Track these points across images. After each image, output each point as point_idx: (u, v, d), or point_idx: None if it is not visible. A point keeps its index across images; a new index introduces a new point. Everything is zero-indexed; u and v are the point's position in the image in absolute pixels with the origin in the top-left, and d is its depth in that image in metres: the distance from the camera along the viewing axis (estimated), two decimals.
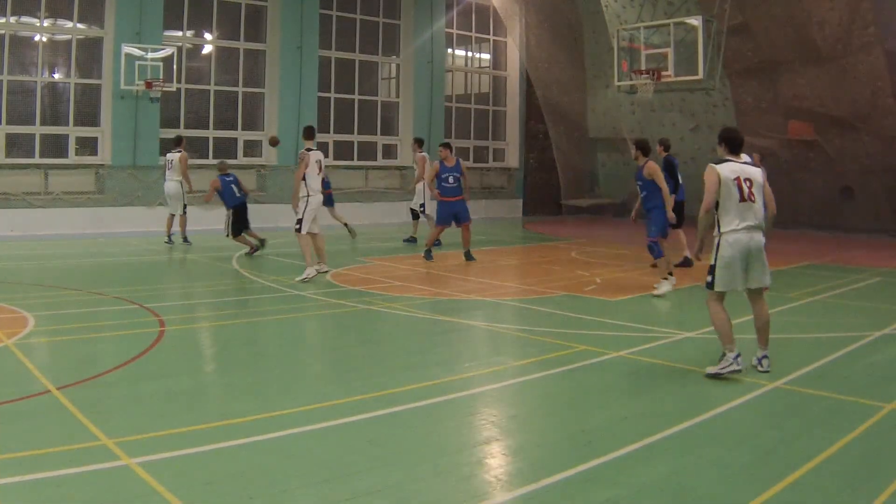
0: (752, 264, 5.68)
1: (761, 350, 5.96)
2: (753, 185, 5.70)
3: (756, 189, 5.71)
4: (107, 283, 9.63)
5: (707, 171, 5.75)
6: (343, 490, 3.59)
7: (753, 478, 3.83)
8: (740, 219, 5.62)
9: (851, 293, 9.93)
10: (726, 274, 5.67)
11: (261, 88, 19.18)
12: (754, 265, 5.69)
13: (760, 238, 5.72)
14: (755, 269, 5.70)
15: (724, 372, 5.61)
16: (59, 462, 3.81)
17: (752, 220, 5.65)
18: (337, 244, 13.89)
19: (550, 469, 3.92)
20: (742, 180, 5.65)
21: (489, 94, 24.71)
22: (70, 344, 6.59)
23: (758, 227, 5.69)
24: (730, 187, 5.63)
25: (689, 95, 19.07)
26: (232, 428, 4.41)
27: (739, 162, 5.80)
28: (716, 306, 5.80)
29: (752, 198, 5.65)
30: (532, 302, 8.98)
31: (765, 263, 5.74)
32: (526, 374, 5.80)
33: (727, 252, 5.64)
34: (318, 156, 10.21)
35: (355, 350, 6.70)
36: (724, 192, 5.64)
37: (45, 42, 16.52)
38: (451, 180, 12.11)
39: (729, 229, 5.64)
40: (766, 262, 5.77)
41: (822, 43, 16.68)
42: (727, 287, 5.73)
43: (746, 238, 5.62)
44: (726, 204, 5.65)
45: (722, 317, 5.76)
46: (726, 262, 5.65)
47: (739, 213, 5.63)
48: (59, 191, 15.96)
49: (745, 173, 5.71)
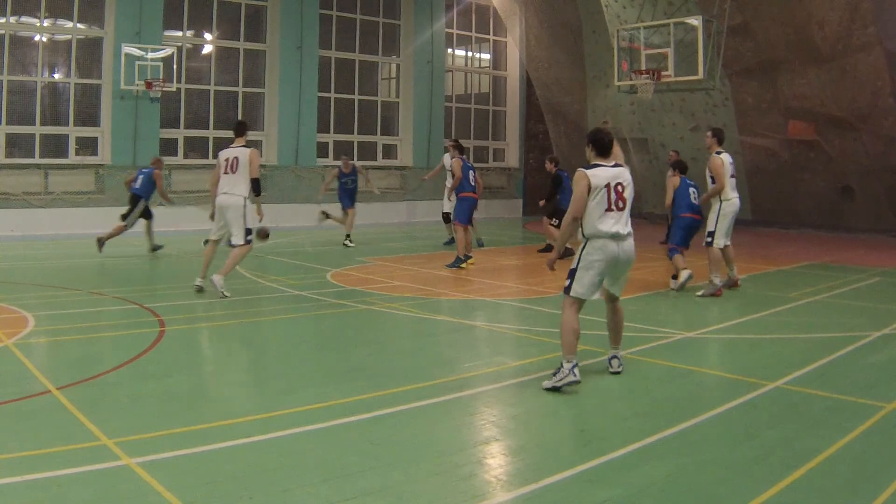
0: (618, 273, 5.51)
1: (613, 349, 5.81)
2: (626, 189, 5.38)
3: (628, 194, 5.39)
4: (107, 283, 9.63)
5: (577, 176, 5.37)
6: (343, 490, 3.59)
7: (753, 478, 3.83)
8: (608, 226, 5.31)
9: (851, 293, 9.93)
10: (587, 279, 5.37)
11: (261, 88, 19.18)
12: (620, 274, 5.53)
13: (631, 246, 5.46)
14: (619, 278, 5.55)
15: (562, 384, 5.27)
16: (59, 462, 3.81)
17: (622, 228, 5.36)
18: (337, 244, 13.89)
19: (550, 469, 3.92)
20: (613, 186, 5.32)
21: (489, 94, 24.72)
22: (70, 344, 6.58)
23: (628, 233, 5.42)
24: (600, 194, 5.29)
25: (689, 95, 19.06)
26: (232, 428, 4.41)
27: (609, 166, 5.44)
28: (569, 312, 5.42)
29: (621, 205, 5.35)
30: (532, 302, 8.98)
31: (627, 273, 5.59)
32: (526, 374, 5.79)
33: (593, 257, 5.36)
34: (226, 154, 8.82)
35: (355, 350, 6.69)
36: (595, 198, 5.29)
37: (45, 42, 16.53)
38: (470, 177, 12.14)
39: (597, 235, 5.35)
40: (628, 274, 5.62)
41: (822, 43, 16.67)
42: (587, 294, 5.41)
43: (615, 246, 5.35)
44: (595, 211, 5.31)
45: (574, 325, 5.35)
46: (589, 267, 5.37)
47: (607, 221, 5.32)
48: (59, 191, 15.96)
49: (618, 178, 5.36)
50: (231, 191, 8.61)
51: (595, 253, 5.36)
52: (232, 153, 8.72)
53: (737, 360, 6.23)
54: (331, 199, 15.38)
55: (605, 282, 5.52)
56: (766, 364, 6.19)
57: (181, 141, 18.01)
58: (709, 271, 9.48)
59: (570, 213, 5.37)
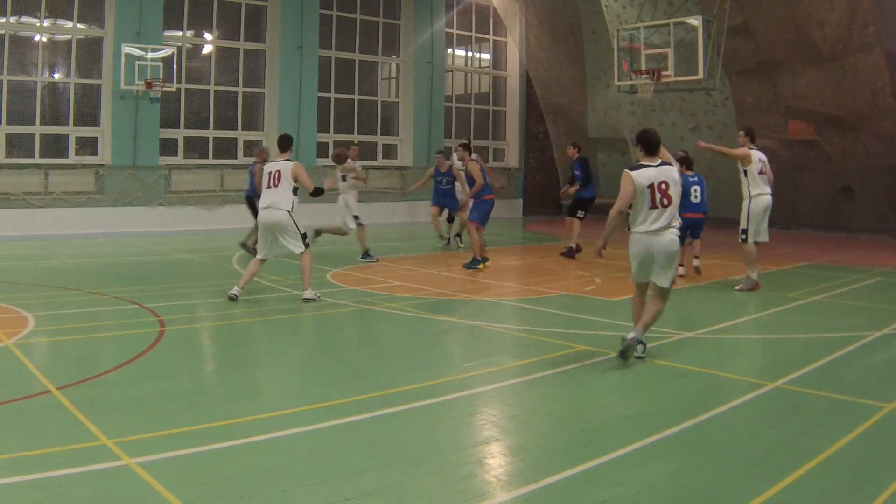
0: (653, 264, 5.98)
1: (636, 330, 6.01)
2: (670, 187, 5.85)
3: (673, 191, 5.87)
4: (107, 283, 9.63)
5: (623, 176, 5.90)
6: (343, 490, 3.59)
7: (753, 478, 3.83)
8: (647, 222, 5.87)
9: (851, 293, 9.93)
10: (633, 266, 6.07)
11: (261, 88, 19.18)
12: (656, 265, 5.97)
13: (668, 239, 5.90)
14: (656, 268, 5.98)
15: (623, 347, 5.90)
16: (59, 462, 3.81)
17: (662, 224, 5.86)
18: (337, 244, 13.89)
19: (550, 469, 3.92)
20: (657, 185, 5.81)
21: (489, 94, 24.72)
22: (70, 344, 6.58)
23: (669, 227, 5.89)
24: (643, 194, 5.83)
25: (689, 95, 19.06)
26: (232, 428, 4.41)
27: (654, 165, 5.91)
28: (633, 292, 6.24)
29: (665, 202, 5.84)
30: (532, 302, 8.98)
31: (670, 265, 5.99)
32: (526, 374, 5.79)
33: (632, 249, 6.01)
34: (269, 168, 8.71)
35: (355, 350, 6.69)
36: (638, 197, 5.85)
37: (45, 42, 16.53)
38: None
39: (636, 231, 5.96)
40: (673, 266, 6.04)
41: (822, 43, 16.68)
42: (635, 279, 6.11)
43: (647, 240, 5.90)
44: (637, 208, 5.90)
45: (634, 301, 6.20)
46: (631, 257, 6.05)
47: (646, 218, 5.87)
48: (59, 191, 15.96)
49: (662, 176, 5.85)
50: (274, 205, 8.38)
51: (632, 246, 5.99)
52: (275, 167, 8.56)
53: (737, 360, 6.23)
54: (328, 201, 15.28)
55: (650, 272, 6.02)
56: (766, 364, 6.20)
57: (181, 141, 18.00)
58: (745, 267, 9.79)
59: (616, 208, 5.92)
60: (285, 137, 8.83)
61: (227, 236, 15.76)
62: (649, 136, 5.95)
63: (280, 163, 8.59)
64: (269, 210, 8.41)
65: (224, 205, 17.94)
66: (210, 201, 17.86)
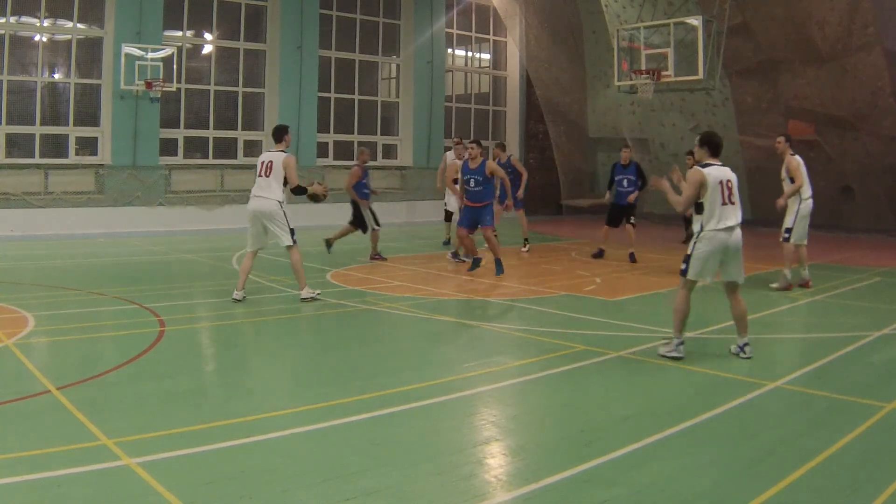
0: (728, 261, 6.15)
1: (741, 338, 6.27)
2: (733, 186, 6.15)
3: (735, 190, 6.16)
4: (107, 283, 9.63)
5: (692, 172, 6.15)
6: (343, 490, 3.59)
7: (753, 478, 3.83)
8: (721, 219, 6.06)
9: (851, 293, 9.93)
10: (698, 264, 6.12)
11: (261, 88, 19.18)
12: (730, 262, 6.16)
13: (739, 236, 6.17)
14: (731, 266, 6.18)
15: (668, 355, 6.17)
16: (59, 462, 3.81)
17: (733, 221, 6.10)
18: (336, 244, 13.87)
19: (550, 469, 3.92)
20: (725, 183, 6.08)
21: (489, 94, 24.71)
22: (70, 344, 6.58)
23: (738, 226, 6.14)
24: (715, 190, 6.05)
25: (689, 95, 19.05)
26: (232, 428, 4.41)
27: (719, 165, 6.19)
28: (682, 293, 6.24)
29: (732, 200, 6.13)
30: (532, 302, 8.98)
31: (741, 261, 6.23)
32: (526, 374, 5.80)
33: (706, 247, 6.08)
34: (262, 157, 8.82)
35: (355, 350, 6.70)
36: (710, 194, 6.05)
37: (45, 42, 16.52)
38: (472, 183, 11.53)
39: (711, 228, 6.08)
40: (742, 261, 6.26)
41: (822, 43, 16.67)
42: (697, 276, 6.16)
43: (725, 236, 6.07)
44: (711, 206, 6.07)
45: (681, 306, 6.19)
46: (702, 255, 6.10)
47: (721, 215, 6.06)
48: (59, 191, 15.95)
49: (727, 176, 6.14)
50: (264, 194, 8.44)
51: (707, 243, 6.09)
52: (268, 157, 8.63)
53: (737, 361, 6.22)
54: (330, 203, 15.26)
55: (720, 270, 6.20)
56: (766, 364, 6.20)
57: (181, 141, 17.99)
58: (784, 265, 9.95)
59: (684, 202, 6.22)
60: (279, 128, 8.82)
61: (227, 236, 15.77)
62: (715, 138, 6.27)
63: (273, 153, 8.64)
64: (260, 199, 8.47)
65: (224, 205, 17.95)
66: (210, 201, 17.85)
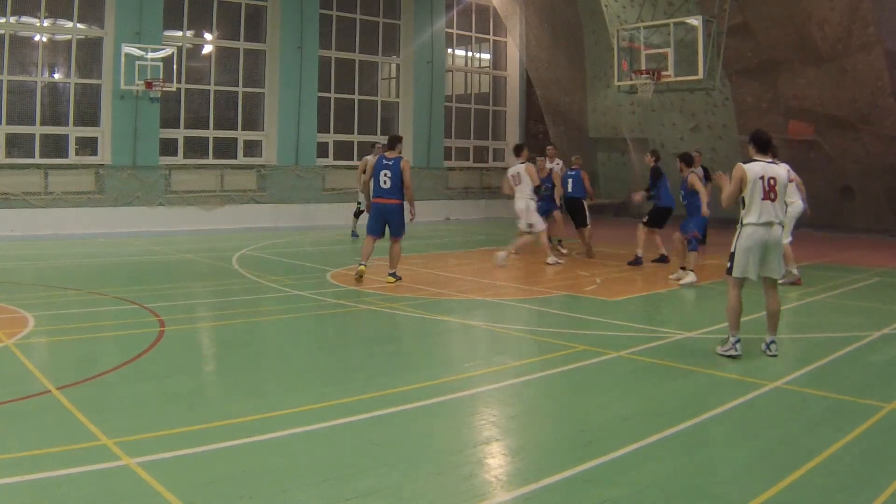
0: (767, 257, 6.17)
1: (769, 335, 6.35)
2: (777, 183, 6.16)
3: (779, 187, 6.17)
4: (107, 283, 9.62)
5: (736, 168, 6.27)
6: (343, 490, 3.59)
7: (753, 478, 3.83)
8: (760, 214, 6.10)
9: (851, 293, 9.93)
10: (742, 260, 6.18)
11: (261, 88, 19.18)
12: (769, 258, 6.18)
13: (778, 233, 6.19)
14: (770, 262, 6.19)
15: (726, 354, 6.25)
16: (59, 462, 3.81)
17: (772, 217, 6.12)
18: (336, 244, 13.89)
19: (550, 469, 3.92)
20: (766, 179, 6.13)
21: (489, 94, 24.72)
22: (70, 344, 6.58)
23: (777, 222, 6.15)
24: (755, 185, 6.11)
25: (689, 95, 19.05)
26: (232, 428, 4.41)
27: (766, 161, 6.26)
28: (733, 292, 6.32)
29: (773, 196, 6.13)
30: (532, 302, 8.98)
31: (780, 257, 6.27)
32: (526, 374, 5.80)
33: (745, 243, 6.16)
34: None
35: (355, 350, 6.69)
36: (750, 189, 6.12)
37: (45, 42, 16.53)
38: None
39: (749, 223, 6.16)
40: (782, 257, 6.32)
41: (822, 43, 16.68)
42: (742, 273, 6.20)
43: (763, 232, 6.11)
44: (750, 200, 6.15)
45: (734, 304, 6.28)
46: (743, 250, 6.17)
47: (760, 210, 6.11)
48: (59, 191, 15.96)
49: (770, 172, 6.18)
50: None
51: (747, 239, 6.17)
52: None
53: (737, 361, 6.22)
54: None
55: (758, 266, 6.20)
56: (766, 364, 6.20)
57: (181, 141, 18.00)
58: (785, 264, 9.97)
59: (726, 197, 6.32)
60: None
61: (226, 236, 15.77)
62: (761, 135, 6.40)
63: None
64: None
65: (224, 205, 17.95)
66: (210, 201, 17.86)
